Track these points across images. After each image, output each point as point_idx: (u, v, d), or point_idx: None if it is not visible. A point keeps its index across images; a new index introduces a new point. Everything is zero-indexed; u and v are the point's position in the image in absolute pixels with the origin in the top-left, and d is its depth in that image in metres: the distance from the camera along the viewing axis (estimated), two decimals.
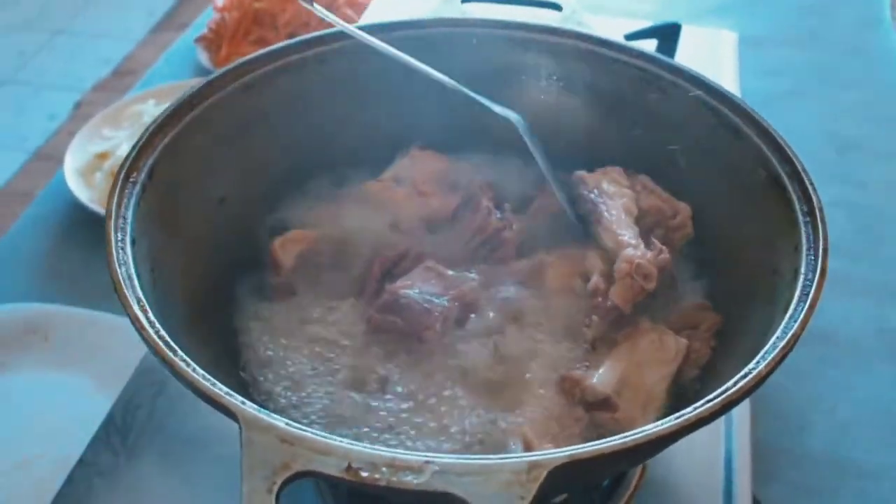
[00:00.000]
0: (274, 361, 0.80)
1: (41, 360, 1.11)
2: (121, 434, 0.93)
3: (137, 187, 0.76)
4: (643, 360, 0.77)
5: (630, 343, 0.79)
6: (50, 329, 1.13)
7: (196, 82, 0.86)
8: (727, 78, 1.43)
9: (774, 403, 1.09)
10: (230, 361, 0.81)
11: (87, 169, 1.39)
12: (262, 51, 0.90)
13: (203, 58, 1.66)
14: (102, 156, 1.41)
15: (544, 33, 0.95)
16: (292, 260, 0.88)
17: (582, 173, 0.91)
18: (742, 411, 0.97)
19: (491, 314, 0.81)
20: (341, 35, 0.92)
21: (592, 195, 0.87)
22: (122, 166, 0.76)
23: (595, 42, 0.93)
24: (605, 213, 0.85)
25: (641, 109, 0.92)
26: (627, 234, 0.83)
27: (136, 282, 0.68)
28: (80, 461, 0.90)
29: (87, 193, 1.33)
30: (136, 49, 2.60)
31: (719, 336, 0.81)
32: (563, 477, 0.55)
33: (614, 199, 0.86)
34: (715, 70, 1.43)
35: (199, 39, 1.70)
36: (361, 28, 0.92)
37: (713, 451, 0.93)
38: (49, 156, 1.43)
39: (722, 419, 0.92)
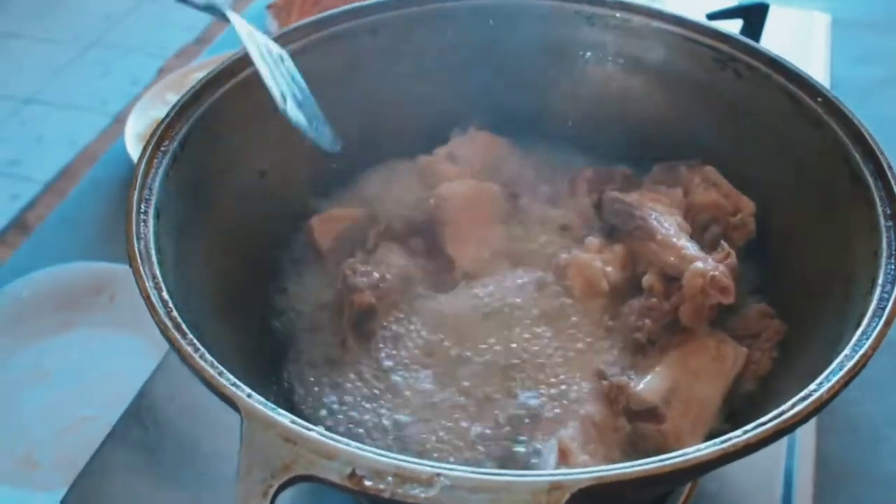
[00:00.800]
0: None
1: (105, 321, 1.12)
2: (153, 408, 0.91)
3: (168, 157, 0.72)
4: (697, 369, 0.71)
5: (684, 349, 0.72)
6: (116, 289, 1.13)
7: (238, 50, 0.82)
8: (817, 64, 1.34)
9: (845, 416, 1.01)
10: (261, 345, 0.78)
11: (148, 134, 1.38)
12: (311, 18, 0.86)
13: (273, 25, 1.63)
14: None
15: (613, 8, 0.88)
16: (331, 240, 0.84)
17: (617, 195, 0.83)
18: (807, 424, 0.90)
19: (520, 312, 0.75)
20: (395, 4, 0.87)
21: (637, 211, 0.80)
22: (152, 134, 0.73)
23: (666, 19, 0.86)
24: (659, 228, 0.78)
25: (712, 93, 0.85)
26: (691, 247, 0.76)
27: (153, 257, 0.64)
28: (111, 433, 0.88)
29: None
30: None
31: (781, 346, 0.74)
32: (588, 500, 0.49)
33: (663, 214, 0.79)
34: (803, 55, 1.34)
35: (271, 6, 1.67)
36: None
37: (772, 465, 0.85)
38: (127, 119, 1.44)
39: None
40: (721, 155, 0.85)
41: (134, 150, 1.33)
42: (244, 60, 0.80)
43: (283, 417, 0.52)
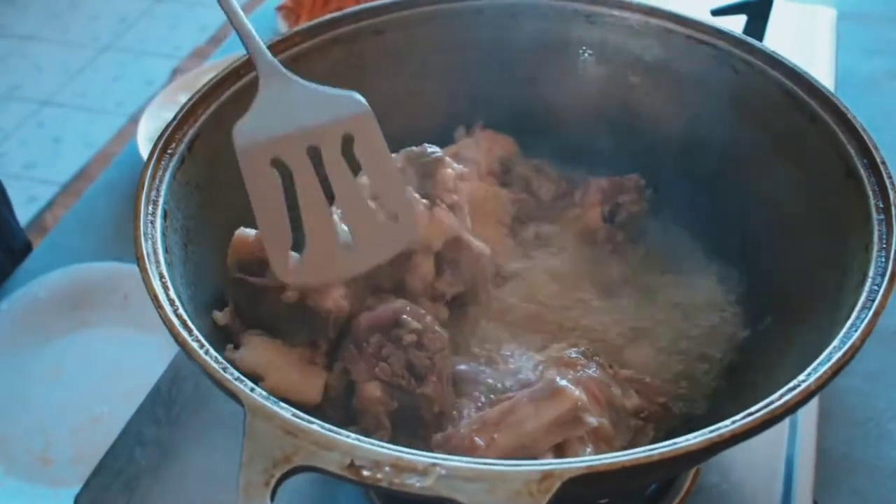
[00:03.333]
0: None
1: (120, 320, 1.15)
2: (166, 405, 0.93)
3: (175, 159, 0.74)
4: None
5: None
6: (130, 289, 1.16)
7: (244, 54, 0.83)
8: (822, 58, 1.34)
9: (848, 408, 1.02)
10: None
11: None
12: (314, 21, 0.88)
13: (282, 26, 1.65)
14: None
15: (612, 6, 0.89)
16: None
17: None
18: (808, 415, 0.91)
19: None
20: (399, 5, 0.89)
21: None
22: (160, 136, 0.75)
23: (664, 16, 0.87)
24: None
25: (711, 90, 0.85)
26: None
27: (161, 257, 0.66)
28: (125, 431, 0.90)
29: None
30: None
31: (780, 335, 0.76)
32: (580, 488, 0.51)
33: None
34: (809, 49, 1.34)
35: (280, 7, 1.69)
36: None
37: (773, 457, 0.86)
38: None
39: (785, 422, 0.86)
40: (720, 150, 0.85)
41: (146, 151, 1.35)
42: (249, 63, 0.82)
43: (285, 411, 0.54)
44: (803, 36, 1.38)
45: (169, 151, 0.74)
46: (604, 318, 0.82)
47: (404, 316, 0.72)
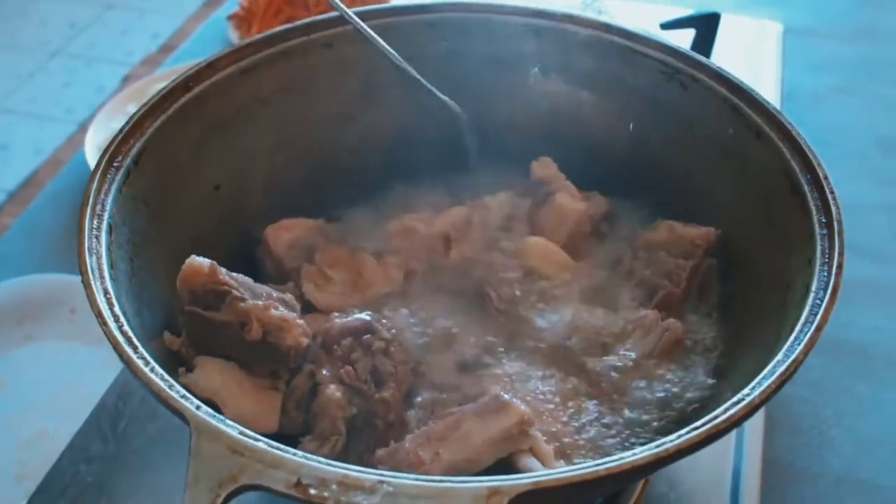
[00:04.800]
0: None
1: (68, 333, 1.13)
2: (112, 421, 0.91)
3: (121, 172, 0.73)
4: None
5: None
6: (77, 301, 1.13)
7: (194, 64, 0.83)
8: (769, 72, 1.37)
9: (793, 417, 1.03)
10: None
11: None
12: (264, 33, 0.87)
13: (233, 36, 1.63)
14: None
15: (561, 21, 0.90)
16: (285, 248, 0.85)
17: None
18: (755, 424, 0.92)
19: None
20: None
21: None
22: (105, 150, 0.74)
23: (614, 31, 0.88)
24: None
25: (660, 105, 0.87)
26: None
27: (106, 272, 0.65)
28: (70, 446, 0.89)
29: None
30: (186, 24, 2.61)
31: (731, 349, 0.77)
32: None
33: None
34: (756, 63, 1.37)
35: (232, 17, 1.68)
36: (368, 10, 0.88)
37: (720, 467, 0.88)
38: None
39: (733, 433, 0.87)
40: (669, 165, 0.87)
41: (93, 161, 1.33)
42: (198, 75, 0.82)
43: (231, 429, 0.54)
44: (751, 50, 1.41)
45: (115, 165, 0.73)
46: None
47: (376, 324, 0.75)
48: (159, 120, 0.78)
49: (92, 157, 1.33)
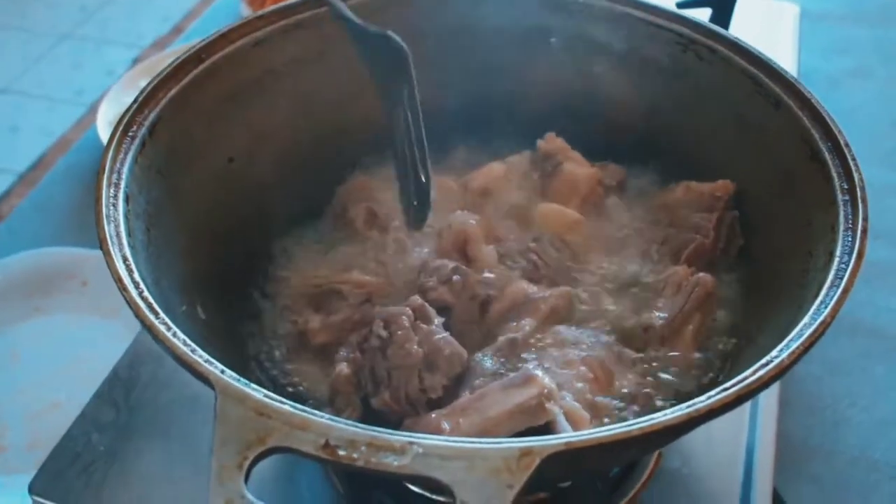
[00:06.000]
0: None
1: (79, 305, 1.12)
2: (124, 389, 0.90)
3: (136, 142, 0.72)
4: None
5: None
6: (88, 275, 1.14)
7: (207, 36, 0.82)
8: (785, 54, 1.35)
9: (808, 396, 1.03)
10: (235, 326, 0.79)
11: None
12: (277, 5, 0.86)
13: (246, 12, 1.62)
14: None
15: None
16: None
17: None
18: (769, 402, 0.92)
19: None
20: None
21: None
22: (120, 119, 0.73)
23: (628, 3, 0.87)
24: None
25: (676, 77, 0.86)
26: None
27: (124, 239, 0.64)
28: (81, 415, 0.88)
29: None
30: (197, 5, 2.61)
31: (754, 317, 0.76)
32: (559, 466, 0.51)
33: None
34: (772, 45, 1.35)
35: None
36: None
37: (734, 443, 0.87)
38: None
39: (746, 409, 0.87)
40: (686, 137, 0.86)
41: (106, 136, 1.32)
42: (211, 47, 0.81)
43: (257, 392, 0.53)
44: (767, 31, 1.40)
45: (130, 135, 0.72)
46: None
47: (378, 320, 0.72)
48: (173, 90, 0.77)
49: (104, 132, 1.32)
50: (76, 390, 0.95)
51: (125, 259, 0.63)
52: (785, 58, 1.33)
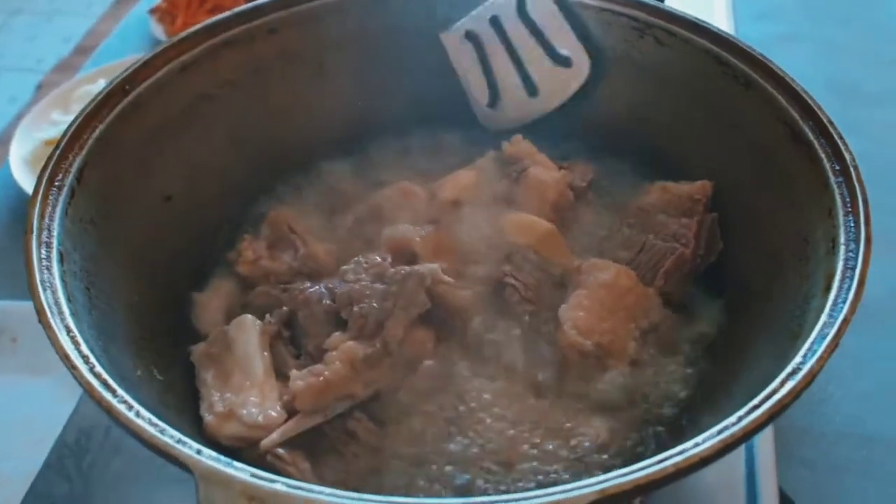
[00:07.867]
0: None
1: (10, 365, 1.00)
2: (75, 457, 0.83)
3: (64, 192, 0.65)
4: None
5: None
6: (18, 330, 1.02)
7: (129, 63, 0.75)
8: (719, 21, 1.33)
9: None
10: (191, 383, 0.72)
11: (34, 157, 1.25)
12: (203, 23, 0.79)
13: (157, 30, 1.53)
14: (51, 143, 1.27)
15: None
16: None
17: None
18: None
19: None
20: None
21: None
22: (43, 169, 0.65)
23: None
24: None
25: (636, 63, 0.82)
26: None
27: (65, 307, 0.57)
28: (31, 490, 0.81)
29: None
30: (98, 24, 2.49)
31: (744, 314, 0.72)
32: None
33: None
34: (706, 13, 1.32)
35: (153, 10, 1.57)
36: None
37: None
38: (9, 141, 1.33)
39: None
40: (655, 128, 0.82)
41: (20, 174, 1.22)
42: (134, 76, 0.73)
43: (242, 472, 0.46)
44: (700, 1, 1.37)
45: (56, 185, 0.65)
46: None
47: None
48: (98, 129, 0.70)
49: (18, 170, 1.22)
50: (21, 459, 0.86)
51: (69, 330, 0.55)
52: (719, 25, 1.30)
